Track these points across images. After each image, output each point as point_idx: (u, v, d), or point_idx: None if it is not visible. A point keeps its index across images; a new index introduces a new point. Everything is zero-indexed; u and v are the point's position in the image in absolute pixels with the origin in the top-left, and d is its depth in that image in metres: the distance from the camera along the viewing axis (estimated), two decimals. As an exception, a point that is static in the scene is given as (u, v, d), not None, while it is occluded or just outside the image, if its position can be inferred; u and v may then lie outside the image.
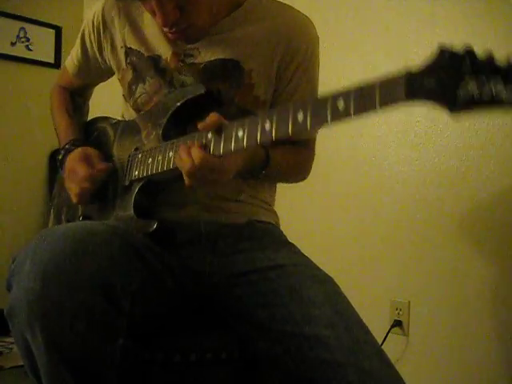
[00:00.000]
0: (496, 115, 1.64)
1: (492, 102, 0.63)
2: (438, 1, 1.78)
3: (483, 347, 1.65)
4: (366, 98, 0.74)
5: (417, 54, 1.82)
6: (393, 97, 0.72)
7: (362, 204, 1.96)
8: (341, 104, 0.77)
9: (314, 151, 1.25)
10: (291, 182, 1.26)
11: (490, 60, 0.65)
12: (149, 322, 1.02)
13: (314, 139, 1.25)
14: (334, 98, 0.78)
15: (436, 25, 1.78)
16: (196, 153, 0.93)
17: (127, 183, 1.12)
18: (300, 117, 0.83)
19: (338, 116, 0.78)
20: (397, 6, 1.89)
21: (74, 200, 1.17)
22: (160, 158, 1.04)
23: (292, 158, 1.18)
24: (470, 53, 0.67)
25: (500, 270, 1.65)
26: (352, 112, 0.76)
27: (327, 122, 0.79)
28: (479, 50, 0.68)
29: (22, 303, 0.81)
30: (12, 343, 2.38)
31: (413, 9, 1.84)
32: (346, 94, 0.77)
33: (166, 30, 1.03)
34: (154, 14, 1.01)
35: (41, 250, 0.84)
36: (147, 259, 0.97)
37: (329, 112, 0.79)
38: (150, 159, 1.06)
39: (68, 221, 1.28)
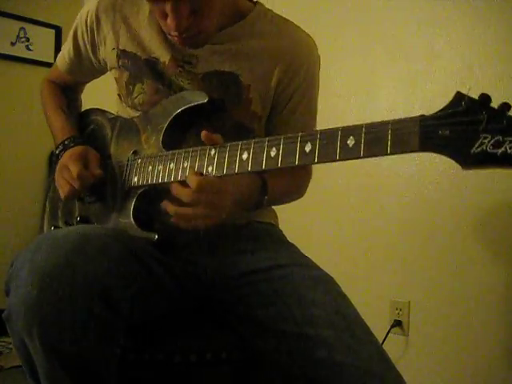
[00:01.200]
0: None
1: (506, 163, 0.62)
2: (438, 1, 1.78)
3: (483, 347, 1.65)
4: (377, 141, 0.73)
5: (417, 54, 1.82)
6: (405, 145, 0.71)
7: (362, 204, 1.96)
8: (351, 142, 0.76)
9: (310, 170, 1.24)
10: (287, 203, 1.23)
11: (506, 115, 0.63)
12: (149, 324, 1.02)
13: None
14: (344, 133, 0.77)
15: (436, 25, 1.78)
16: (191, 178, 0.92)
17: (126, 189, 1.11)
18: (307, 148, 0.82)
19: (347, 154, 0.77)
20: (397, 6, 1.89)
21: (62, 196, 1.15)
22: (160, 168, 1.03)
23: (290, 181, 1.17)
24: (486, 103, 0.65)
25: (500, 270, 1.65)
26: (362, 153, 0.75)
27: (336, 158, 0.78)
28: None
29: (19, 308, 0.81)
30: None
31: (413, 9, 1.84)
32: (356, 132, 0.76)
33: (174, 34, 0.99)
34: (163, 16, 0.97)
35: (39, 254, 0.84)
36: (146, 262, 0.97)
37: (338, 148, 0.78)
38: (150, 167, 1.05)
39: (65, 220, 1.27)
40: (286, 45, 1.11)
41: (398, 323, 1.84)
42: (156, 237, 1.03)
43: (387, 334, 1.82)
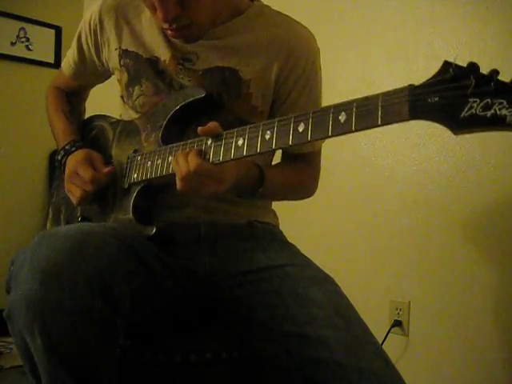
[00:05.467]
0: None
1: (496, 125, 0.63)
2: (438, 1, 1.78)
3: (483, 347, 1.65)
4: (368, 114, 0.74)
5: (416, 54, 1.82)
6: (395, 114, 0.72)
7: (362, 204, 1.96)
8: (342, 117, 0.77)
9: (317, 169, 1.23)
10: (294, 200, 1.23)
11: (494, 79, 0.64)
12: (149, 323, 1.02)
13: (318, 156, 1.23)
14: (336, 110, 0.78)
15: (436, 25, 1.78)
16: (192, 159, 0.92)
17: (126, 186, 1.12)
18: (301, 127, 0.82)
19: (339, 129, 0.77)
20: (397, 5, 1.89)
21: (75, 202, 1.16)
22: (159, 161, 1.04)
23: (292, 176, 1.17)
24: (474, 69, 0.66)
25: (501, 269, 1.65)
26: (353, 126, 0.76)
27: (328, 134, 0.79)
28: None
29: (20, 305, 0.82)
30: (12, 343, 2.38)
31: (412, 9, 1.84)
32: (347, 108, 0.77)
33: (165, 26, 1.01)
34: (154, 9, 0.99)
35: (40, 252, 0.84)
36: (146, 260, 0.97)
37: (330, 124, 0.78)
38: (149, 162, 1.06)
39: (67, 221, 1.28)
40: (283, 38, 1.12)
41: (398, 323, 1.84)
42: (154, 230, 1.03)
43: (387, 333, 1.82)
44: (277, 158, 1.24)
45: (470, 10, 1.71)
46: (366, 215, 1.95)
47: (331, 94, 1.94)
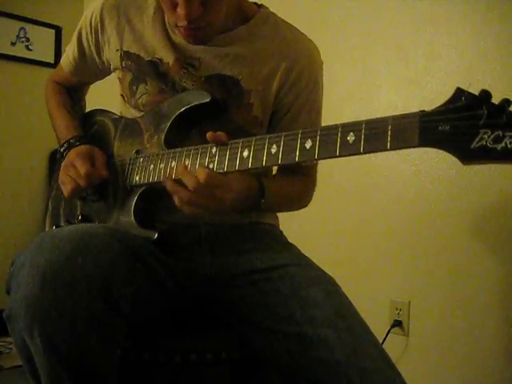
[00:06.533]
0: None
1: (506, 158, 0.62)
2: (438, 1, 1.78)
3: (483, 347, 1.65)
4: (377, 137, 0.73)
5: (417, 54, 1.82)
6: (405, 141, 0.71)
7: (362, 204, 1.96)
8: (351, 138, 0.76)
9: (314, 181, 1.23)
10: (292, 211, 1.23)
11: (506, 110, 0.63)
12: (149, 323, 1.02)
13: (316, 167, 1.23)
14: (344, 130, 0.77)
15: (436, 25, 1.78)
16: (201, 169, 0.91)
17: (128, 187, 1.11)
18: (308, 144, 0.82)
19: (347, 150, 0.77)
20: (397, 6, 1.89)
21: (66, 194, 1.14)
22: (162, 166, 1.03)
23: (291, 188, 1.17)
24: (486, 98, 0.65)
25: (500, 269, 1.65)
26: (362, 148, 0.75)
27: (336, 154, 0.78)
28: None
29: (20, 306, 0.82)
30: (12, 343, 2.37)
31: (413, 9, 1.84)
32: (356, 128, 0.76)
33: (182, 24, 0.99)
34: (173, 6, 0.97)
35: (40, 253, 0.84)
36: (147, 261, 0.97)
37: (338, 144, 0.78)
38: (152, 166, 1.05)
39: (67, 218, 1.27)
40: (287, 50, 1.11)
41: (398, 323, 1.84)
42: (156, 236, 1.03)
43: (387, 333, 1.82)
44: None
45: (470, 10, 1.71)
46: (365, 215, 1.95)
47: (331, 95, 1.94)
